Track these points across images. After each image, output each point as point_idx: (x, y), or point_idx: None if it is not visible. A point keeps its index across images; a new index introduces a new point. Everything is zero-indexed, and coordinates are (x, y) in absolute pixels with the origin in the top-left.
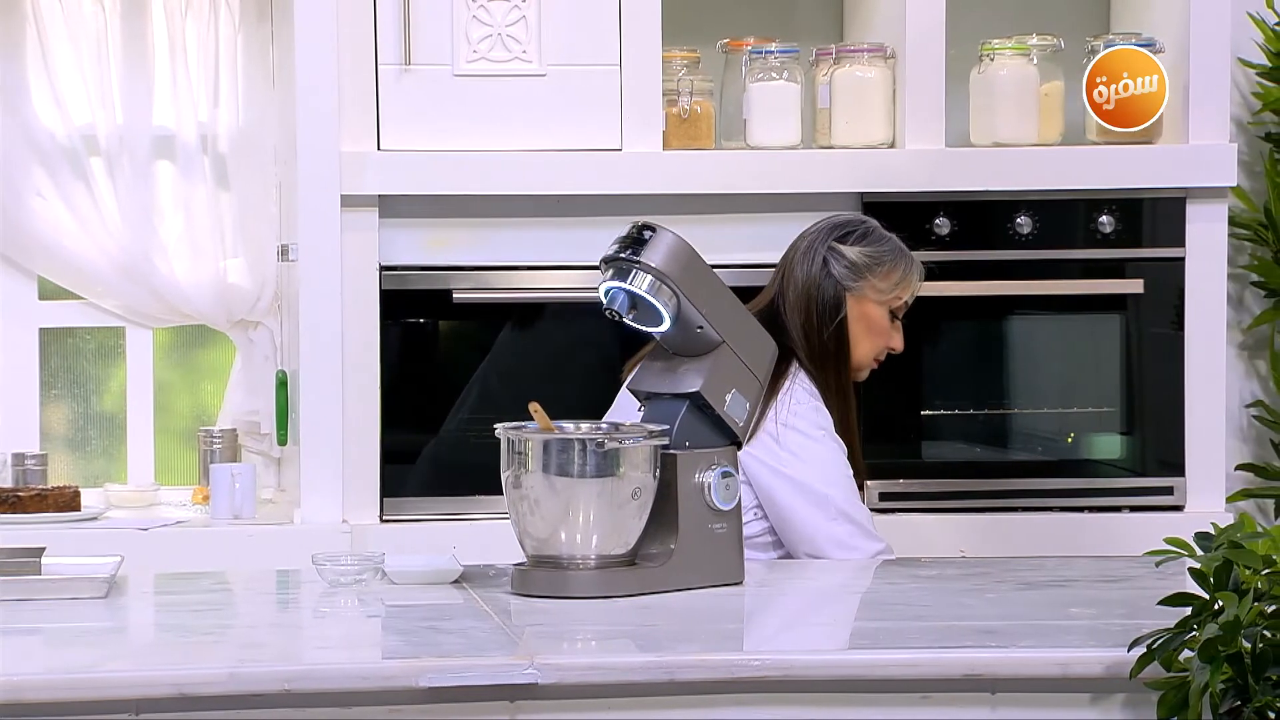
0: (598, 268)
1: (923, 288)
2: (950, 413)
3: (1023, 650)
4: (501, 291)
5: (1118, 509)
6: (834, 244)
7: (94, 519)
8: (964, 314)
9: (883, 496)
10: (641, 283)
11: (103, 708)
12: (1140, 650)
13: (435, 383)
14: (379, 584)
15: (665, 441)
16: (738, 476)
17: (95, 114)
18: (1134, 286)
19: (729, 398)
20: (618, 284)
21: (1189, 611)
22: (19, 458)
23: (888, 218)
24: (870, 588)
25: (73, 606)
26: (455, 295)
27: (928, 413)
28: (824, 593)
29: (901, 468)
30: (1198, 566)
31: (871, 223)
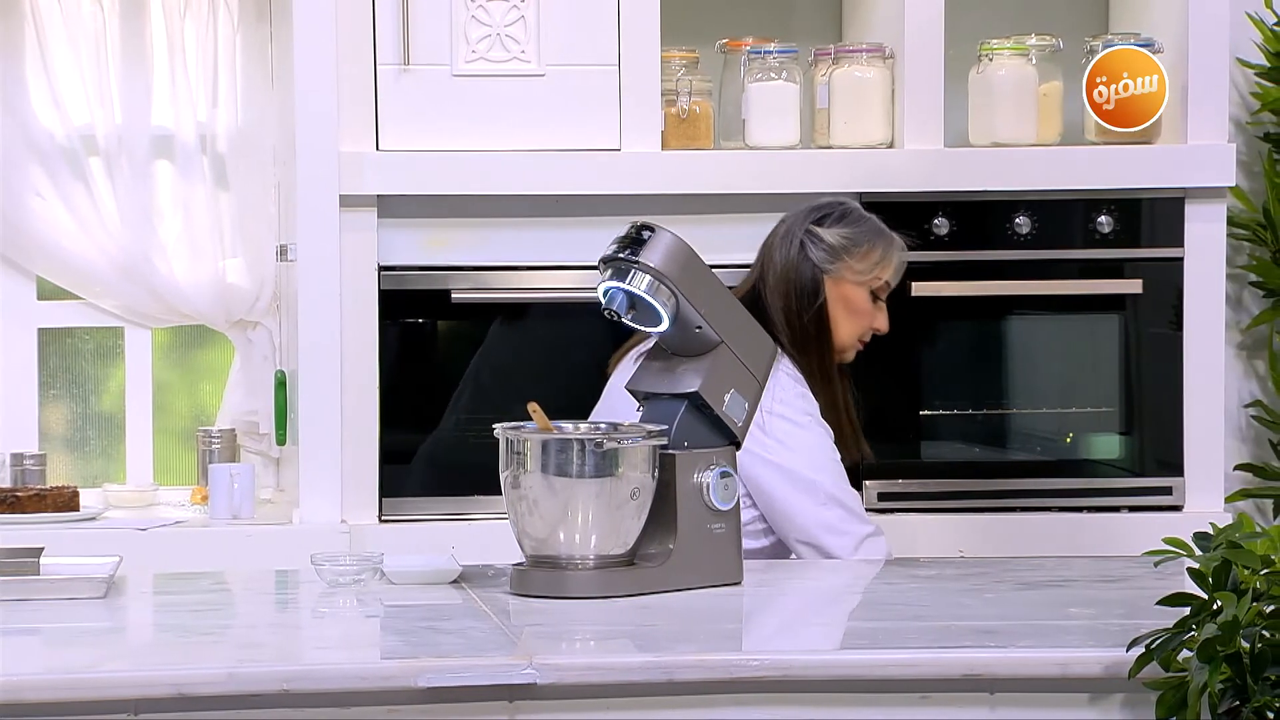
0: (596, 268)
1: (924, 288)
2: (949, 413)
3: (1022, 650)
4: (500, 291)
5: (1116, 509)
6: (811, 227)
7: (93, 519)
8: (963, 314)
9: (881, 496)
10: (640, 283)
11: (101, 708)
12: (1139, 650)
13: (434, 383)
14: (378, 584)
15: (664, 441)
16: (736, 477)
17: (94, 114)
18: (1133, 287)
19: (728, 398)
20: (616, 284)
21: (1188, 611)
22: (18, 458)
23: (887, 217)
24: (869, 588)
25: (71, 606)
26: (454, 295)
27: (926, 413)
28: (823, 593)
29: (900, 468)
30: (1196, 566)
31: (850, 205)
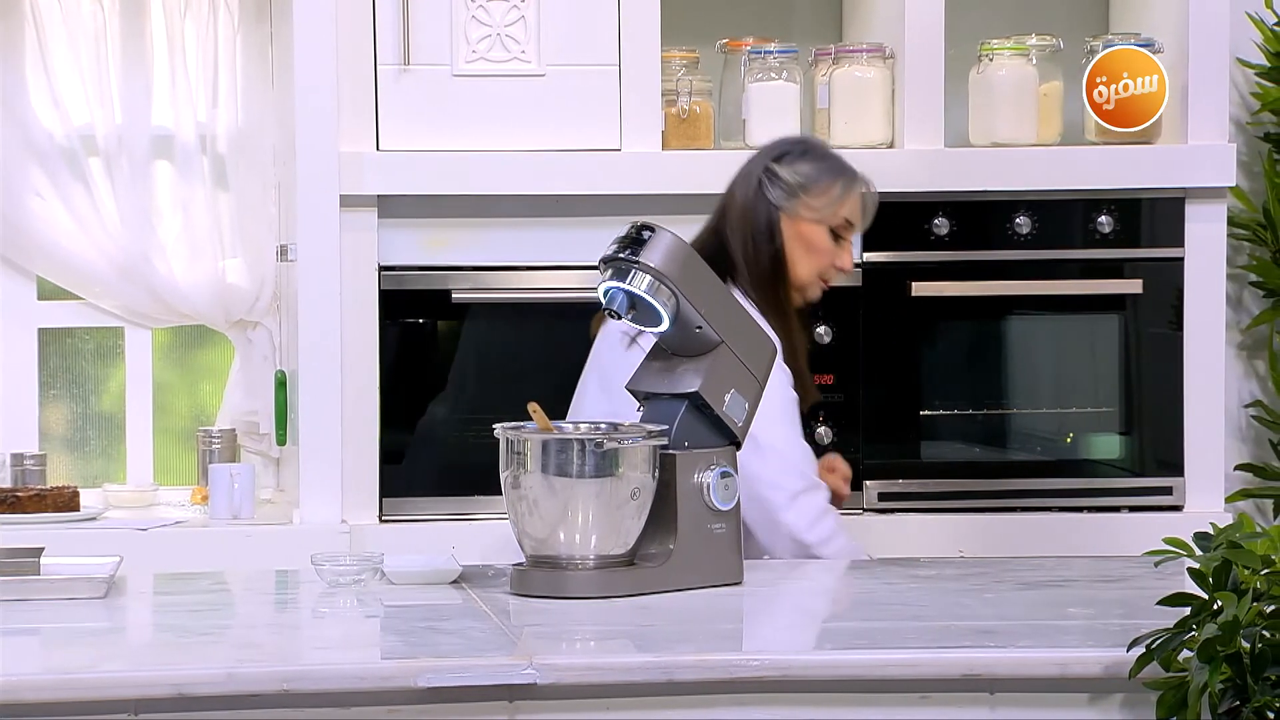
0: (597, 268)
1: (924, 288)
2: (949, 413)
3: (1021, 650)
4: (500, 291)
5: (1116, 509)
6: (770, 165)
7: (93, 519)
8: (963, 314)
9: (881, 496)
10: (640, 283)
11: (101, 708)
12: (1139, 650)
13: (434, 383)
14: (378, 584)
15: (664, 442)
16: (736, 477)
17: (94, 114)
18: (1133, 287)
19: (728, 398)
20: (617, 284)
21: (1188, 611)
22: (18, 458)
23: (887, 218)
24: (868, 588)
25: (71, 607)
26: (454, 295)
27: (926, 413)
28: (822, 593)
29: (900, 468)
30: (1196, 566)
31: (813, 142)
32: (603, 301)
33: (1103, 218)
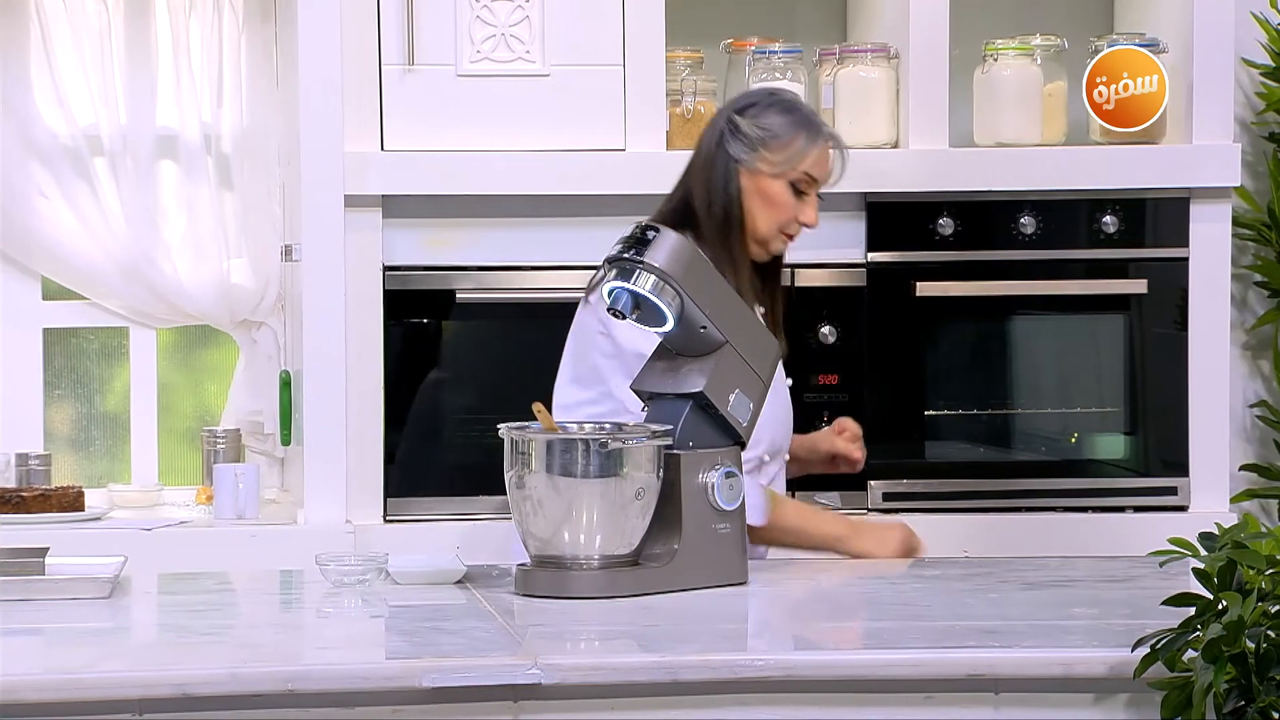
0: (601, 268)
1: (928, 288)
2: (953, 413)
3: (1026, 650)
4: (505, 291)
5: (1121, 509)
6: (733, 116)
7: (97, 519)
8: (967, 314)
9: (886, 496)
10: (645, 283)
11: (105, 708)
12: (1144, 650)
13: (438, 383)
14: (382, 584)
15: (669, 442)
16: (741, 477)
17: (98, 114)
18: (1137, 287)
19: (732, 398)
20: (621, 284)
21: (1192, 612)
22: (22, 458)
23: (891, 218)
24: (872, 588)
25: (76, 607)
26: (458, 295)
27: (931, 413)
28: (826, 593)
29: (904, 468)
30: (1201, 567)
31: (780, 95)
32: (607, 301)
33: (1107, 218)
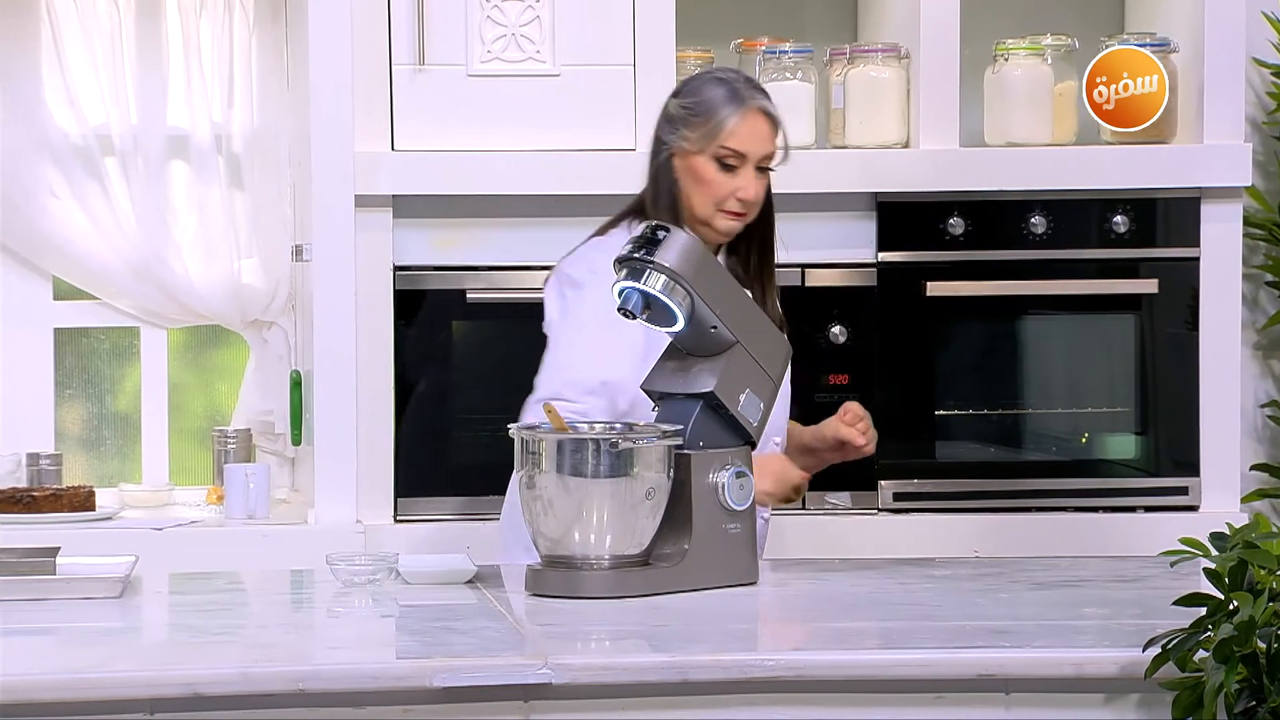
0: (611, 268)
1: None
2: (964, 413)
3: (1037, 650)
4: (515, 291)
5: (1132, 509)
6: (668, 100)
7: (108, 519)
8: (978, 314)
9: (896, 496)
10: (655, 283)
11: (117, 707)
12: (1155, 650)
13: (449, 382)
14: (393, 584)
15: (679, 441)
16: (751, 477)
17: (109, 114)
18: (1148, 286)
19: (743, 398)
20: (632, 284)
21: (1204, 612)
22: (34, 458)
23: (902, 217)
24: (883, 588)
25: (87, 606)
26: (469, 295)
27: (941, 413)
28: (837, 593)
29: (915, 468)
30: (1212, 567)
31: (715, 71)
32: (617, 301)
33: (1118, 218)
